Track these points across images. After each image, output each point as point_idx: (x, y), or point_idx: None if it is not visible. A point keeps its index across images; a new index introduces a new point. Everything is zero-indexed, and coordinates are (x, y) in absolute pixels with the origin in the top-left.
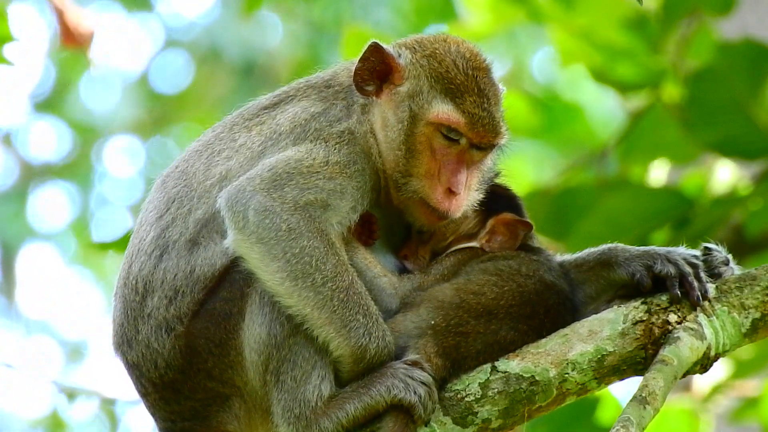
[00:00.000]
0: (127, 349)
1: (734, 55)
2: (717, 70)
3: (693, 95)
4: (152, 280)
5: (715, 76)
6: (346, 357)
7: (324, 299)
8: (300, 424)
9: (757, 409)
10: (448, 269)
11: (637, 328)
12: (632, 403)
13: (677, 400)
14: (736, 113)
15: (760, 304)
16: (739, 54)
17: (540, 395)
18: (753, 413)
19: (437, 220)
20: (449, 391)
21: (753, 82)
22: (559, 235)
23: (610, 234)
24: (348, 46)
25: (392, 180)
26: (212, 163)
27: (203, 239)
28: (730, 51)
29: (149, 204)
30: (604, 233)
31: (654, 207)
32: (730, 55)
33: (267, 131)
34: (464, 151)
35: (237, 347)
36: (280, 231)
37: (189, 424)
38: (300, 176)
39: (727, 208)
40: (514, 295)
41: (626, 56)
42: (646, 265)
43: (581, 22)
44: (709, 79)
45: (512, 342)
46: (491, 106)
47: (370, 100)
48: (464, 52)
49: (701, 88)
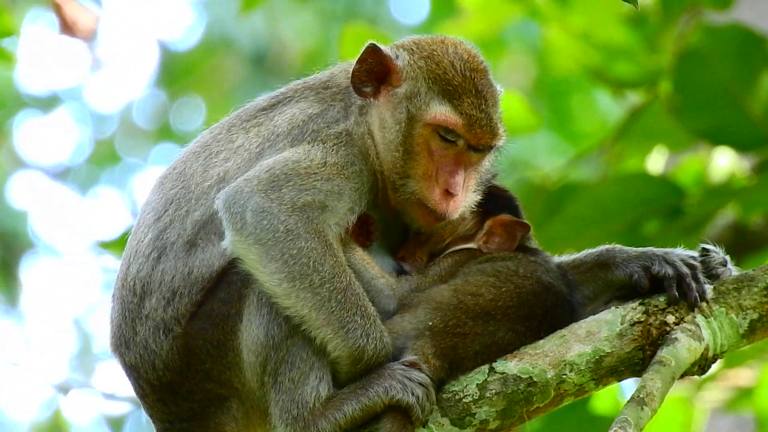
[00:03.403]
0: (125, 351)
1: (721, 40)
2: (704, 54)
3: (680, 79)
4: (150, 281)
5: (702, 60)
6: (343, 358)
7: (322, 300)
8: (298, 425)
9: (751, 399)
10: (446, 270)
11: (634, 329)
12: (630, 404)
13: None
14: (725, 101)
15: (757, 305)
16: (726, 39)
17: (538, 396)
18: (747, 403)
19: (435, 221)
20: (447, 392)
21: (743, 69)
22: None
23: (599, 219)
24: (345, 45)
25: (390, 181)
26: (210, 164)
27: (201, 241)
28: (716, 35)
29: (147, 205)
30: (593, 217)
31: (644, 193)
32: (717, 39)
33: (265, 132)
34: (462, 153)
35: (235, 348)
36: (277, 232)
37: (187, 426)
38: (298, 177)
39: (722, 200)
40: (512, 297)
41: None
42: (644, 266)
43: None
44: (697, 62)
45: (510, 343)
46: (489, 107)
47: (367, 101)
48: (462, 53)
49: (689, 72)
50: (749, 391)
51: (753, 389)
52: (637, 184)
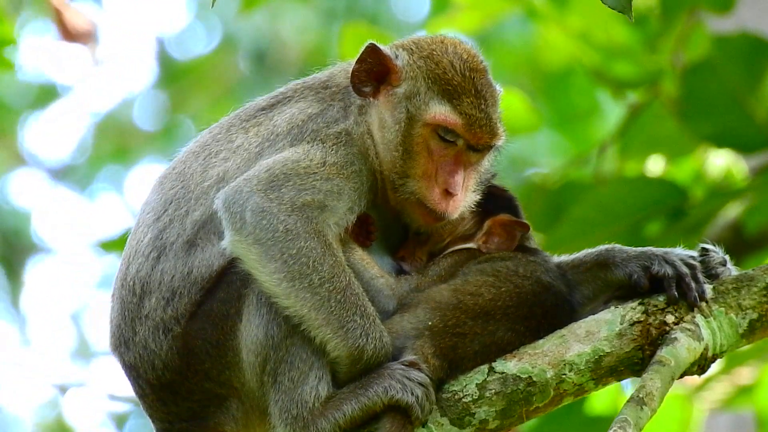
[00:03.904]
0: (124, 351)
1: (730, 49)
2: (713, 64)
3: (689, 88)
4: (149, 281)
5: (711, 69)
6: (343, 358)
7: (321, 300)
8: (297, 424)
9: (749, 397)
10: (446, 270)
11: (634, 329)
12: (630, 404)
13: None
14: (732, 106)
15: (757, 304)
16: (735, 47)
17: (537, 396)
18: (746, 401)
19: (434, 221)
20: (446, 391)
21: (749, 75)
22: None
23: (602, 221)
24: (345, 44)
25: (389, 181)
26: (209, 164)
27: (201, 240)
28: (726, 44)
29: (146, 205)
30: (597, 220)
31: (647, 195)
32: (726, 49)
33: (264, 132)
34: (461, 153)
35: (234, 348)
36: (277, 232)
37: (186, 425)
38: (297, 177)
39: (722, 201)
40: (512, 296)
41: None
42: (644, 265)
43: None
44: (706, 72)
45: (509, 343)
46: (488, 107)
47: (367, 101)
48: (461, 53)
49: (697, 81)
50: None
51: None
52: (640, 186)
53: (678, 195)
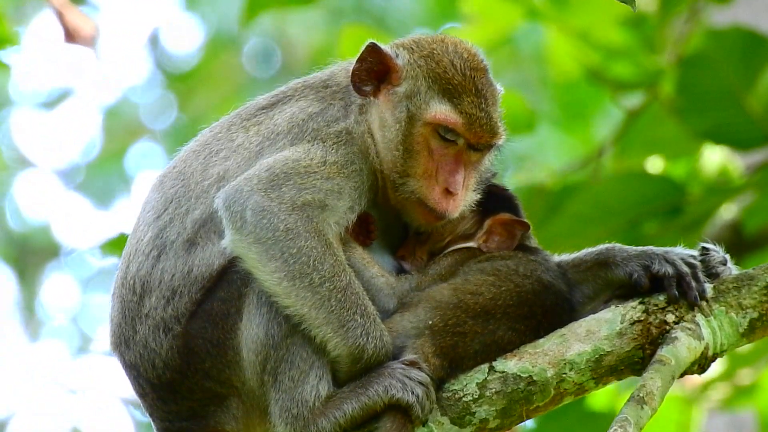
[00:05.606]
0: (124, 350)
1: (725, 43)
2: (708, 57)
3: (684, 82)
4: (150, 280)
5: (706, 63)
6: (343, 357)
7: (321, 299)
8: (298, 424)
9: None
10: (446, 269)
11: (634, 328)
12: (630, 403)
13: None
14: (727, 101)
15: (757, 304)
16: (729, 41)
17: (538, 395)
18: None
19: (435, 220)
20: (447, 391)
21: (744, 70)
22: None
23: (600, 218)
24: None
25: (390, 180)
26: (210, 163)
27: (201, 239)
28: (720, 38)
29: (147, 204)
30: (593, 216)
31: (643, 192)
32: (720, 43)
33: (264, 131)
34: (462, 152)
35: (234, 347)
36: (277, 231)
37: (187, 424)
38: (297, 176)
39: (720, 198)
40: (512, 295)
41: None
42: (644, 265)
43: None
44: (700, 65)
45: (510, 342)
46: (489, 106)
47: (367, 100)
48: (462, 52)
49: (692, 75)
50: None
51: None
52: (637, 182)
53: (675, 192)
